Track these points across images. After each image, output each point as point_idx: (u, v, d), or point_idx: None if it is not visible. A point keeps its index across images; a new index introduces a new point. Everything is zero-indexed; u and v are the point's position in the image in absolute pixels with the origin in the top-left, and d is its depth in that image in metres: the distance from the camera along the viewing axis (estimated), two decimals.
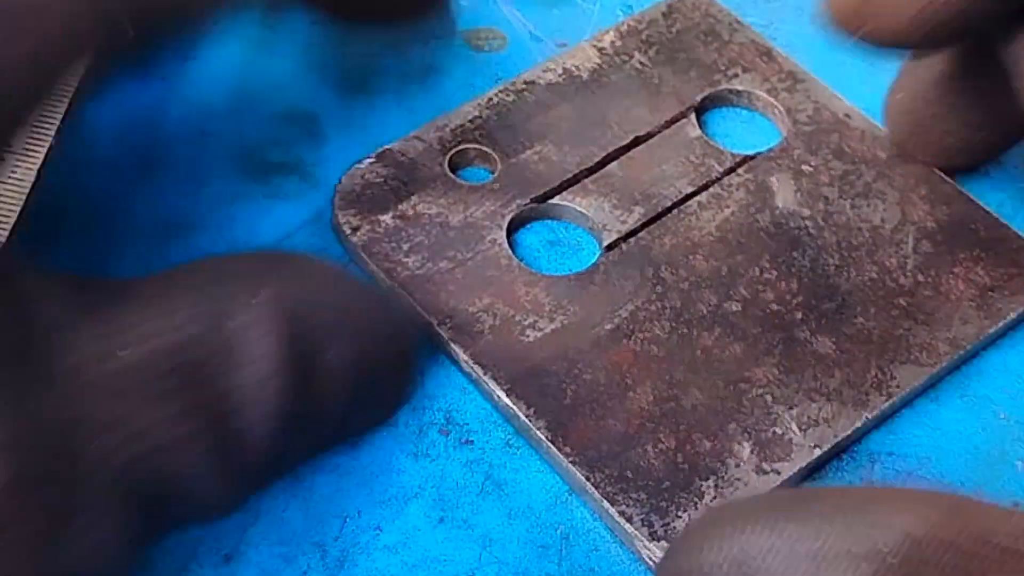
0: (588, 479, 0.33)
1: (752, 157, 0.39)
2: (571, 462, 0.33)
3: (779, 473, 0.33)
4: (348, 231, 0.37)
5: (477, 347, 0.35)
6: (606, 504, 0.33)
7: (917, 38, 0.34)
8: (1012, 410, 0.36)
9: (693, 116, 0.40)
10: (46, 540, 0.27)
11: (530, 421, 0.34)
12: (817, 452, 0.34)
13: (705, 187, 0.38)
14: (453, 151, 0.38)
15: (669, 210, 0.38)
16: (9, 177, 0.33)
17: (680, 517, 0.33)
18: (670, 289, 0.36)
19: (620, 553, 0.33)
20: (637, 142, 0.39)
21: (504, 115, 0.40)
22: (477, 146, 0.38)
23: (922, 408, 0.36)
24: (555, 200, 0.38)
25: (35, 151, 0.33)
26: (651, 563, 0.32)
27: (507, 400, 0.34)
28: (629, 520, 0.33)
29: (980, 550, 0.25)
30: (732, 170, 0.39)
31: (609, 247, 0.37)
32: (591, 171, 0.38)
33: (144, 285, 0.30)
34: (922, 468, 0.35)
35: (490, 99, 0.40)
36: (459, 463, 0.34)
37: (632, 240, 0.37)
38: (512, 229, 0.37)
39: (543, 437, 0.34)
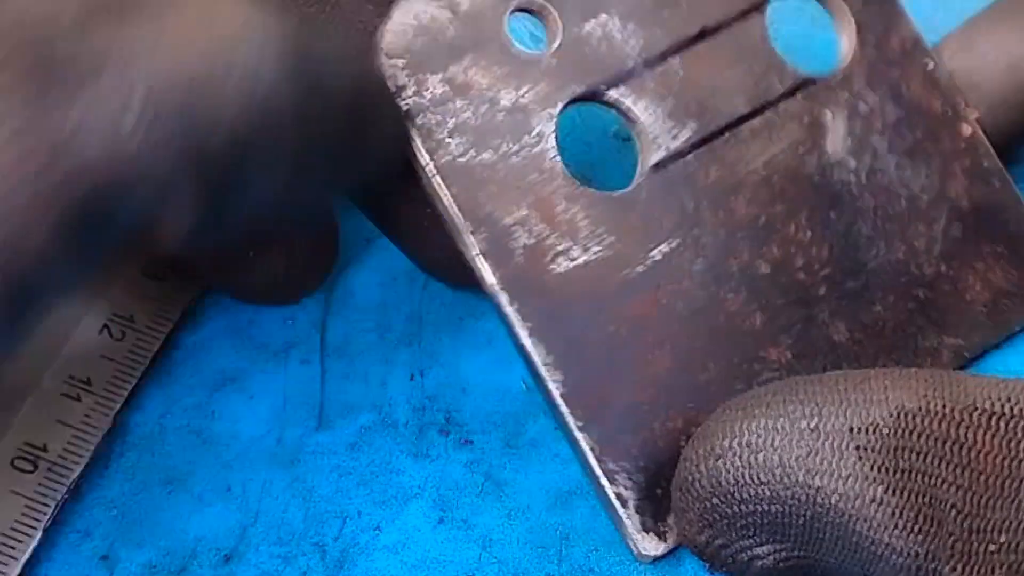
0: (592, 450, 0.33)
1: (812, 81, 0.37)
2: (578, 427, 0.33)
3: None
4: (393, 90, 0.34)
5: (506, 270, 0.33)
6: (604, 481, 0.33)
7: None
8: None
9: (766, 11, 0.37)
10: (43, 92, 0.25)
11: (546, 372, 0.33)
12: None
13: (761, 110, 0.37)
14: (515, 4, 0.35)
15: (721, 132, 0.36)
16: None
17: (672, 510, 0.32)
18: (706, 234, 0.35)
19: (620, 554, 0.33)
20: (703, 34, 0.37)
21: None
22: (543, 1, 0.35)
23: None
24: (611, 94, 0.36)
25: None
26: (636, 551, 0.33)
27: (527, 342, 0.33)
28: (624, 504, 0.33)
29: (967, 417, 0.27)
30: (791, 93, 0.37)
31: (655, 167, 0.35)
32: (652, 64, 0.36)
33: None
34: None
35: None
36: (459, 463, 0.34)
37: (679, 163, 0.36)
38: (561, 112, 0.35)
39: (555, 391, 0.33)
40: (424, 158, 0.34)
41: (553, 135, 0.35)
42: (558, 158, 0.34)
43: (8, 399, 0.33)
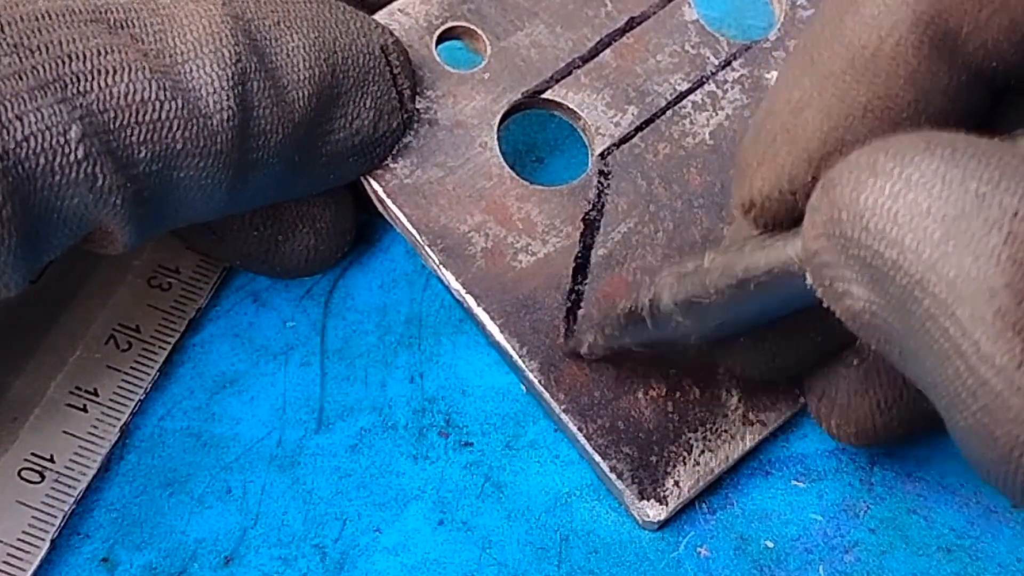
0: (580, 430, 0.33)
1: (748, 47, 0.38)
2: (563, 410, 0.33)
3: (765, 424, 0.34)
4: None
5: (469, 274, 0.34)
6: (597, 458, 0.33)
7: None
8: None
9: None
10: None
11: (523, 362, 0.34)
12: (801, 401, 0.34)
13: (700, 83, 0.37)
14: (440, 30, 0.36)
15: (663, 111, 0.37)
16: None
17: (669, 474, 0.33)
18: (663, 208, 0.36)
19: (619, 555, 0.33)
20: (632, 24, 0.38)
21: None
22: (466, 24, 0.37)
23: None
24: (547, 95, 0.37)
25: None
26: (639, 519, 0.33)
27: (500, 338, 0.34)
28: (620, 476, 0.33)
29: None
30: (728, 63, 0.38)
31: (602, 155, 0.36)
32: (584, 60, 0.37)
33: None
34: (921, 468, 0.35)
35: None
36: (458, 465, 0.34)
37: (625, 147, 0.36)
38: (501, 121, 0.36)
39: (535, 380, 0.34)
40: (372, 185, 0.35)
41: (496, 143, 0.35)
42: (504, 164, 0.35)
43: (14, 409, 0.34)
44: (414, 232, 0.34)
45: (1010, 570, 0.33)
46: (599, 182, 0.36)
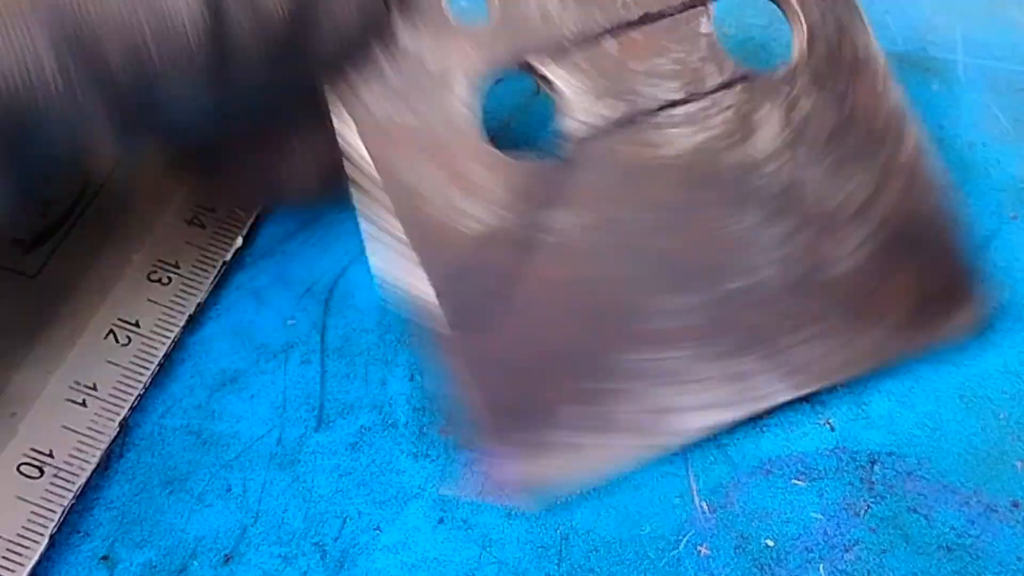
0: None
1: (755, 76, 0.37)
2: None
3: None
4: None
5: (418, 230, 0.34)
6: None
7: None
8: (1012, 410, 0.36)
9: (712, 7, 0.37)
10: None
11: (445, 330, 0.33)
12: (795, 394, 0.35)
13: (696, 97, 0.36)
14: None
15: (649, 114, 0.36)
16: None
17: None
18: (624, 210, 0.35)
19: (619, 554, 0.33)
20: (644, 20, 0.37)
21: None
22: None
23: (922, 408, 0.36)
24: (540, 69, 0.35)
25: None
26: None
27: (433, 302, 0.33)
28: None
29: None
30: (728, 85, 0.37)
31: (578, 141, 0.35)
32: (586, 43, 0.36)
33: None
34: (922, 468, 0.35)
35: None
36: (459, 463, 0.34)
37: (602, 140, 0.35)
38: (488, 85, 0.35)
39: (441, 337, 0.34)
40: (341, 113, 0.34)
41: (478, 105, 0.35)
42: (481, 127, 0.34)
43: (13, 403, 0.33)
44: (372, 173, 0.34)
45: (1010, 569, 0.33)
46: (566, 169, 0.35)
